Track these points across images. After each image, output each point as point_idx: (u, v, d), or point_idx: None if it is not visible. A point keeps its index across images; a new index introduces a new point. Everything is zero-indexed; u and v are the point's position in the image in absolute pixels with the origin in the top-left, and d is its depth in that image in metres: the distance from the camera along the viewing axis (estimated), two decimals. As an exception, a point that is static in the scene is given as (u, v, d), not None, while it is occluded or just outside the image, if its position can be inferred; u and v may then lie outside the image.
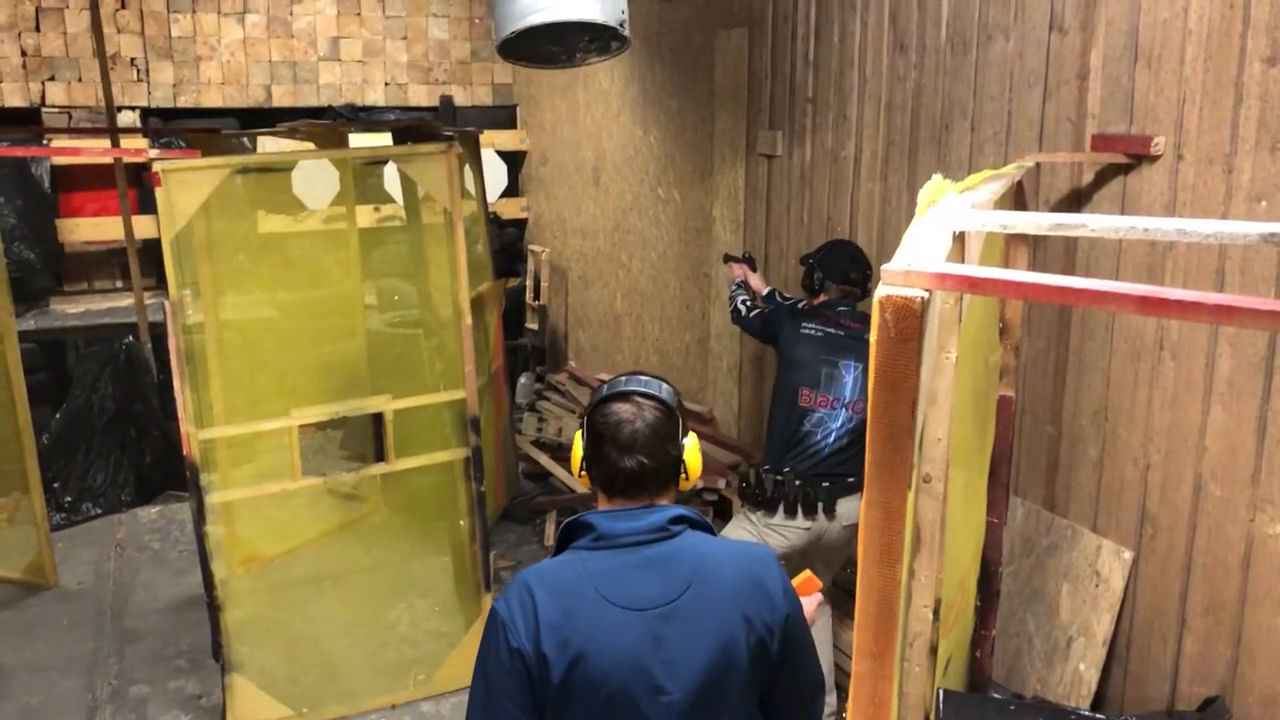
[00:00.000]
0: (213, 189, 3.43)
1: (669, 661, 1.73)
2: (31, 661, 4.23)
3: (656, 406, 1.87)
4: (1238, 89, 2.52)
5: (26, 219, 6.38)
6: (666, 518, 1.81)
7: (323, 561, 4.86)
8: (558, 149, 7.37)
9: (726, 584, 1.77)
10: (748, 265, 4.15)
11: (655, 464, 1.84)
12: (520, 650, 1.72)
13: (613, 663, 1.71)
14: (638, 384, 1.91)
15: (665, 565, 1.77)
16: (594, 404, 1.91)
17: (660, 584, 1.76)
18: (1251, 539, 2.59)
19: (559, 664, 1.71)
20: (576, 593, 1.75)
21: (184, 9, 6.93)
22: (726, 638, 1.74)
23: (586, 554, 1.79)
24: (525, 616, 1.74)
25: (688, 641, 1.73)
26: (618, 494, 1.86)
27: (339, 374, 4.82)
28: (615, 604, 1.74)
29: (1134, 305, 1.07)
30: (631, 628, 1.73)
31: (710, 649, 1.74)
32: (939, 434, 1.75)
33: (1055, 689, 3.07)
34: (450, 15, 7.64)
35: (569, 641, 1.71)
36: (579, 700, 1.72)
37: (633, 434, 1.83)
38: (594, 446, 1.88)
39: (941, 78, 3.58)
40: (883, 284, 1.19)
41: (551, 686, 1.71)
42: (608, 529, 1.80)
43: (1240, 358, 2.57)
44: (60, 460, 5.55)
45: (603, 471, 1.87)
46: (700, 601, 1.75)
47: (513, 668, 1.73)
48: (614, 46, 3.82)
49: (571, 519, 1.87)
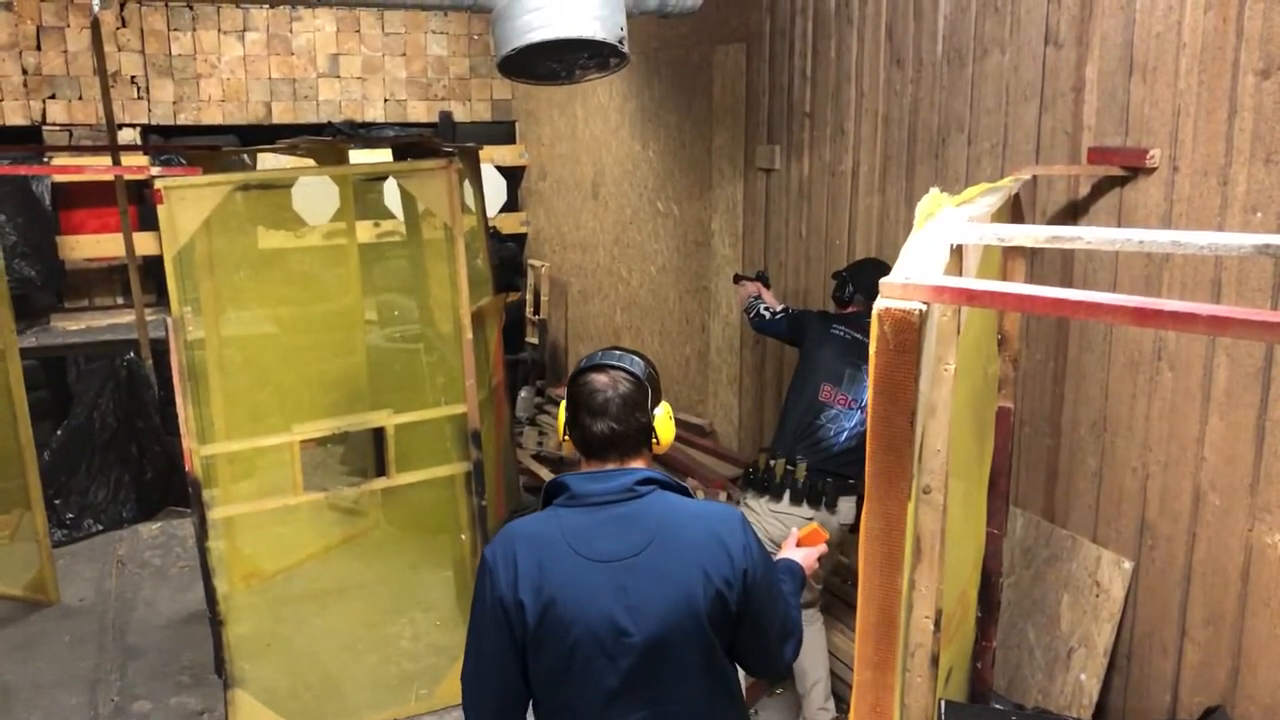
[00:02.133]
0: (214, 206, 3.45)
1: (631, 607, 1.92)
2: (34, 678, 4.22)
3: (627, 377, 2.05)
4: (1232, 101, 2.54)
5: (28, 236, 6.40)
6: (634, 479, 2.00)
7: (324, 576, 4.85)
8: (557, 164, 7.40)
9: (687, 540, 1.96)
10: (761, 284, 4.18)
11: (624, 429, 2.02)
12: (501, 598, 1.93)
13: (580, 608, 1.91)
14: (613, 358, 2.08)
15: (631, 522, 1.96)
16: (574, 374, 2.10)
17: (625, 539, 1.95)
18: (1251, 548, 2.60)
19: (534, 610, 1.91)
20: (550, 546, 1.95)
21: (184, 27, 6.97)
22: (685, 588, 1.93)
23: (562, 511, 2.00)
24: (506, 567, 1.95)
25: (649, 590, 1.92)
26: (593, 456, 2.04)
27: (340, 389, 4.83)
28: (584, 556, 1.94)
29: (1129, 317, 1.09)
30: (598, 577, 1.92)
31: (669, 597, 1.92)
32: (938, 445, 1.76)
33: (1056, 700, 3.07)
34: (449, 32, 7.68)
35: (542, 589, 1.92)
36: (551, 641, 1.92)
37: (604, 401, 2.01)
38: (572, 412, 2.06)
39: (938, 92, 3.60)
40: (881, 297, 1.21)
41: (528, 629, 1.92)
42: (580, 489, 2.00)
43: (1238, 368, 2.59)
44: (62, 477, 5.56)
45: (579, 435, 2.05)
46: (662, 555, 1.94)
47: (494, 613, 1.94)
48: (613, 63, 3.84)
49: (552, 480, 2.06)
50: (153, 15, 6.88)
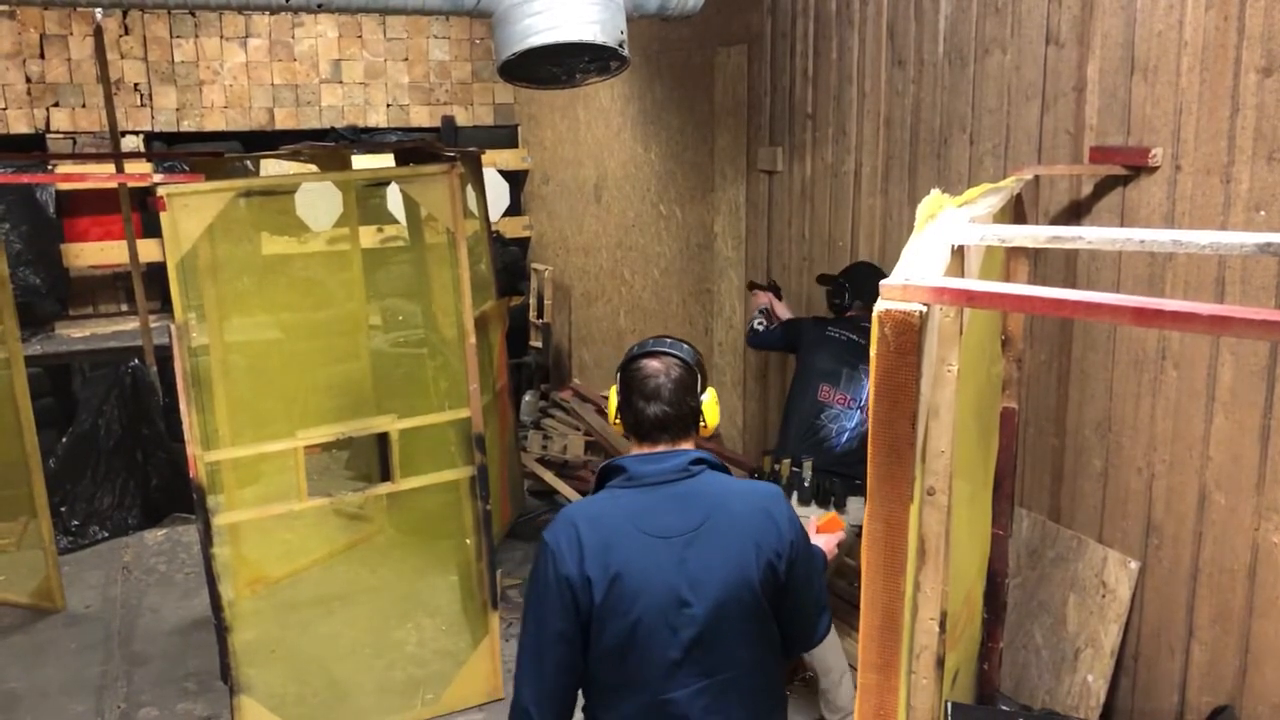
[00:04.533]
0: (217, 212, 3.45)
1: (692, 580, 2.01)
2: (40, 685, 4.23)
3: (679, 363, 2.16)
4: (1234, 100, 2.54)
5: (32, 244, 6.41)
6: (687, 460, 2.10)
7: (329, 582, 4.86)
8: (559, 167, 7.40)
9: (739, 516, 2.06)
10: (773, 293, 4.18)
11: (676, 412, 2.12)
12: (567, 576, 2.00)
13: (645, 581, 2.00)
14: (664, 345, 2.20)
15: (687, 500, 2.06)
16: (626, 361, 2.19)
17: (683, 516, 2.05)
18: (1257, 547, 2.59)
19: (601, 584, 1.99)
20: (613, 524, 2.04)
21: (187, 34, 6.98)
22: (740, 560, 2.03)
23: (620, 492, 2.09)
24: (570, 546, 2.02)
25: (707, 563, 2.02)
26: (644, 438, 2.14)
27: (344, 394, 4.83)
28: (646, 533, 2.03)
29: (1130, 317, 1.08)
30: (660, 552, 2.02)
31: (726, 569, 2.02)
32: (942, 446, 1.76)
33: (1063, 701, 3.06)
34: (451, 36, 7.68)
35: (608, 564, 2.00)
36: (617, 615, 2.01)
37: (658, 386, 2.12)
38: (625, 397, 2.16)
39: (940, 92, 3.60)
40: (882, 298, 1.21)
41: (594, 605, 2.00)
42: (637, 470, 2.10)
43: (1242, 367, 2.58)
44: (67, 484, 5.57)
45: (631, 418, 2.14)
46: (717, 530, 2.04)
47: (559, 591, 2.01)
48: (614, 66, 3.84)
49: (606, 462, 2.16)
50: (155, 23, 6.89)
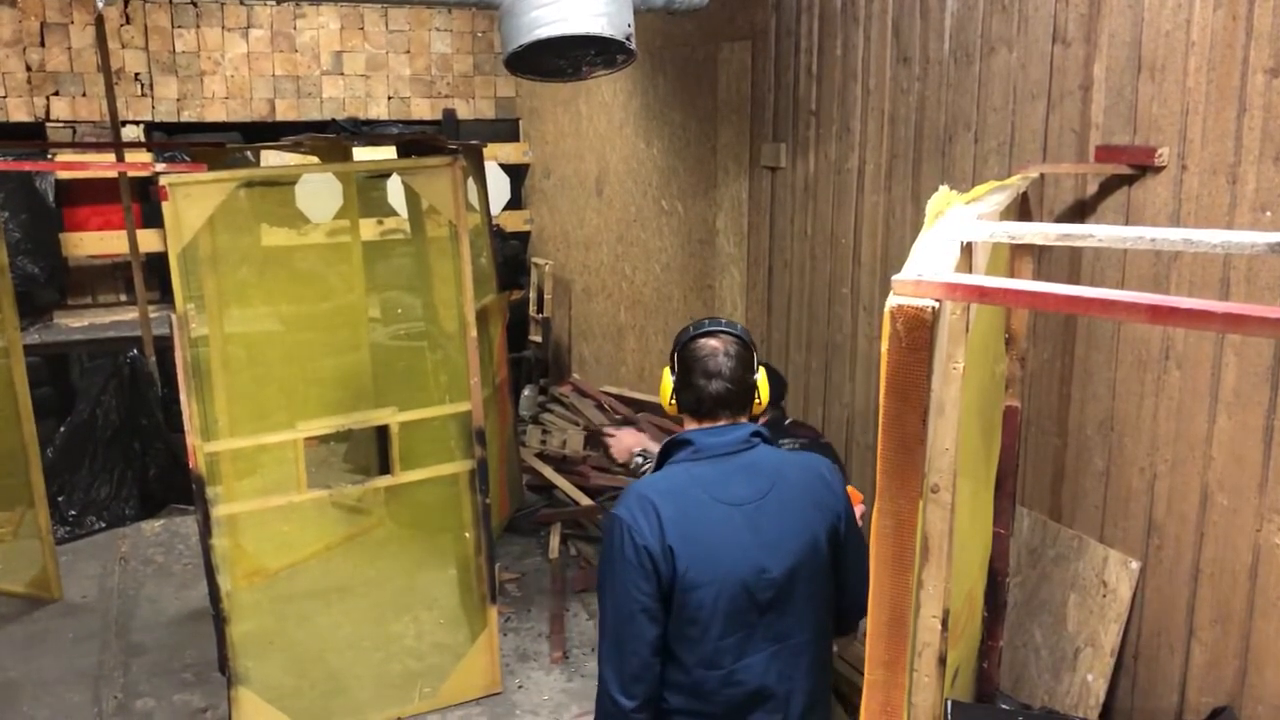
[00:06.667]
0: (219, 203, 3.44)
1: (767, 544, 2.10)
2: (37, 675, 4.22)
3: (735, 340, 2.22)
4: (1241, 100, 2.53)
5: (31, 233, 6.40)
6: (748, 432, 2.19)
7: (328, 574, 4.85)
8: (560, 162, 7.39)
9: (798, 482, 2.17)
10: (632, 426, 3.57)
11: (737, 388, 2.19)
12: (647, 547, 2.05)
13: (724, 548, 2.07)
14: (718, 324, 2.26)
15: (753, 469, 2.15)
16: (683, 342, 2.25)
17: (752, 484, 2.13)
18: (1259, 548, 2.58)
19: (684, 554, 2.05)
20: (688, 495, 2.10)
21: (188, 24, 6.96)
22: (807, 523, 2.14)
23: (690, 464, 2.15)
24: (648, 519, 2.06)
25: (780, 528, 2.11)
26: (705, 415, 2.20)
27: (344, 387, 4.83)
28: (721, 501, 2.10)
29: (1145, 314, 1.08)
30: (735, 520, 2.09)
31: (797, 533, 2.12)
32: (947, 444, 1.75)
33: (1063, 700, 3.06)
34: (453, 29, 7.67)
35: (689, 534, 2.06)
36: (700, 583, 2.06)
37: (718, 364, 2.18)
38: (684, 376, 2.22)
39: (945, 90, 3.59)
40: (894, 294, 1.20)
41: (676, 575, 2.05)
42: (703, 444, 2.16)
43: (1246, 367, 2.58)
44: (64, 474, 5.56)
45: (692, 396, 2.20)
46: (784, 496, 2.14)
47: (639, 562, 2.05)
48: (620, 60, 3.83)
49: (671, 438, 2.23)
50: (157, 12, 6.87)
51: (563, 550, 5.23)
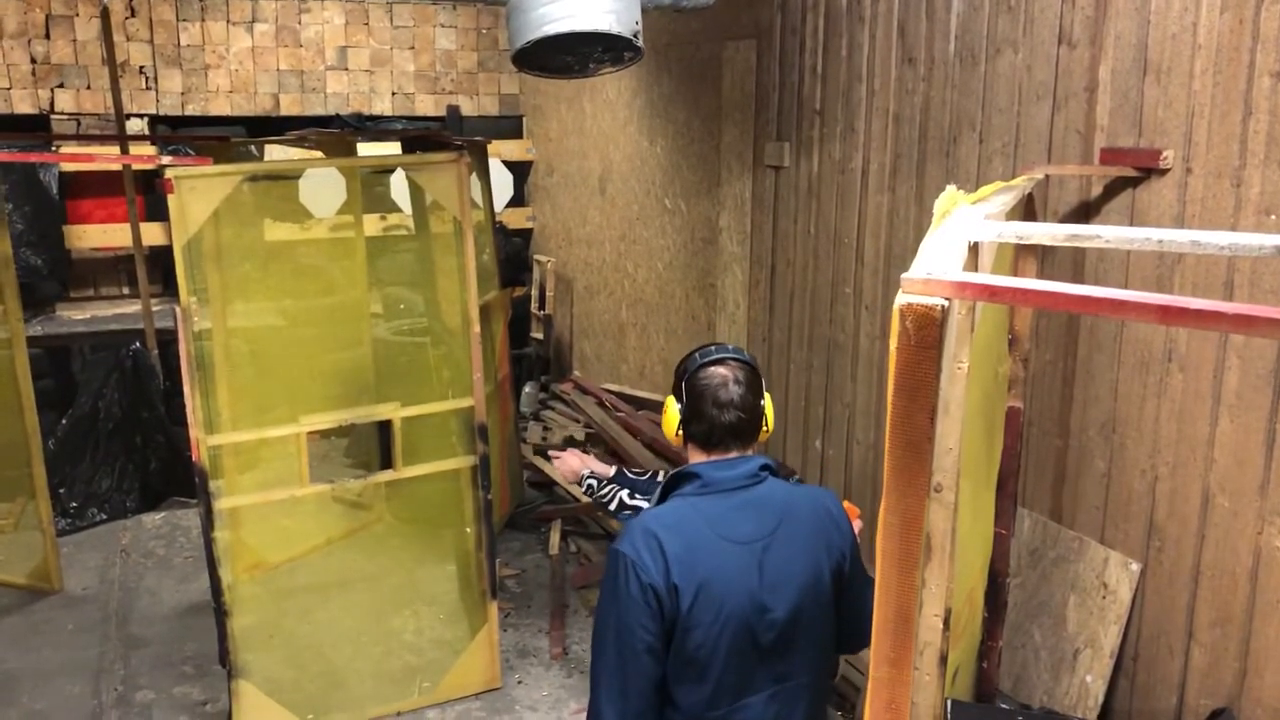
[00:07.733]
0: (224, 196, 3.45)
1: (771, 585, 2.04)
2: (37, 667, 4.23)
3: (744, 366, 2.17)
4: (1246, 103, 2.53)
5: (35, 225, 6.41)
6: (756, 465, 2.13)
7: (328, 568, 4.86)
8: (564, 159, 7.39)
9: (807, 519, 2.11)
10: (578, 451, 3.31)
11: (749, 417, 2.14)
12: (652, 585, 1.98)
13: (729, 588, 2.01)
14: (725, 350, 2.20)
15: (760, 506, 2.09)
16: (690, 371, 2.19)
17: (759, 522, 2.07)
18: (1259, 551, 2.59)
19: (688, 592, 1.99)
20: (693, 531, 2.04)
21: (193, 17, 6.97)
22: (813, 561, 2.09)
23: (695, 499, 2.09)
24: (654, 556, 2.00)
25: (784, 567, 2.05)
26: (715, 446, 2.15)
27: (346, 381, 4.83)
28: (726, 539, 2.04)
29: (1155, 314, 1.08)
30: (740, 558, 2.03)
31: (802, 573, 2.07)
32: (950, 443, 1.76)
33: (1062, 701, 3.07)
34: (458, 26, 7.67)
35: (694, 572, 2.00)
36: (703, 623, 2.00)
37: (729, 393, 2.12)
38: (694, 406, 2.15)
39: (950, 90, 3.59)
40: (903, 292, 1.20)
41: (680, 612, 1.99)
42: (711, 478, 2.10)
43: (1249, 370, 2.58)
44: (66, 466, 5.56)
45: (703, 428, 2.14)
46: (791, 534, 2.08)
47: (644, 601, 1.99)
48: (627, 57, 3.84)
49: (677, 470, 2.16)
50: (161, 5, 6.88)
51: (563, 547, 5.24)
